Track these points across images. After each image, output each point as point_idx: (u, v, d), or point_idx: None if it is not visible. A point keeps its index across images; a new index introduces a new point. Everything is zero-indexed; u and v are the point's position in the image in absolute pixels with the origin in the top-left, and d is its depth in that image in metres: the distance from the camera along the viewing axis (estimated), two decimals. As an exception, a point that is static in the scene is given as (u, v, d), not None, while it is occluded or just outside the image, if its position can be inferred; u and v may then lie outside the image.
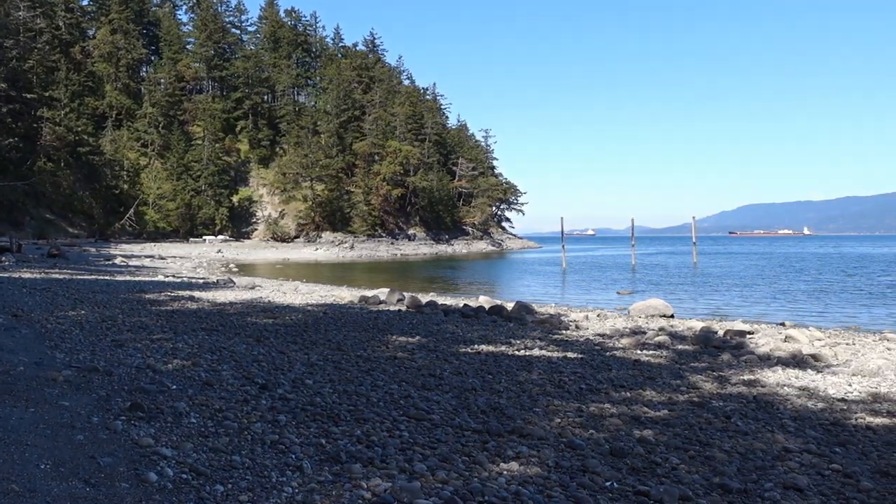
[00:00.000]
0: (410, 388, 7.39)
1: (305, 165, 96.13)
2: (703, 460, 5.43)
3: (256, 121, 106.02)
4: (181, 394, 6.33)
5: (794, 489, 4.86)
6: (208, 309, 14.47)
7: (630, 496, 4.56)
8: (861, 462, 5.59)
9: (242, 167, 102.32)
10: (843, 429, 6.61)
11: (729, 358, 10.62)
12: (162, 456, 4.55)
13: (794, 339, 13.30)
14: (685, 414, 6.88)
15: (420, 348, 10.30)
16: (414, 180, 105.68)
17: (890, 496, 4.84)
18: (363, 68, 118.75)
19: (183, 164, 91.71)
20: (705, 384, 8.49)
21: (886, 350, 12.41)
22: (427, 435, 5.63)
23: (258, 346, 9.54)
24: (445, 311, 16.34)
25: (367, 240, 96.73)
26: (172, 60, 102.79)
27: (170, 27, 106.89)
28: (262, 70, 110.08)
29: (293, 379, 7.42)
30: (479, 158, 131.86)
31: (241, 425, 5.47)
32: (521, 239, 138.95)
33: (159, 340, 9.46)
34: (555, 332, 13.59)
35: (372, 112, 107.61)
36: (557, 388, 7.87)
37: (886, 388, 8.56)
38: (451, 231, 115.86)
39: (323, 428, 5.60)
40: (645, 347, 11.76)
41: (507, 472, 4.81)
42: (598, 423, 6.33)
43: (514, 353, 10.40)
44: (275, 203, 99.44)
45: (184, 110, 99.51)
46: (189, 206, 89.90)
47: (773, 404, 7.51)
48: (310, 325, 12.39)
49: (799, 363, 10.52)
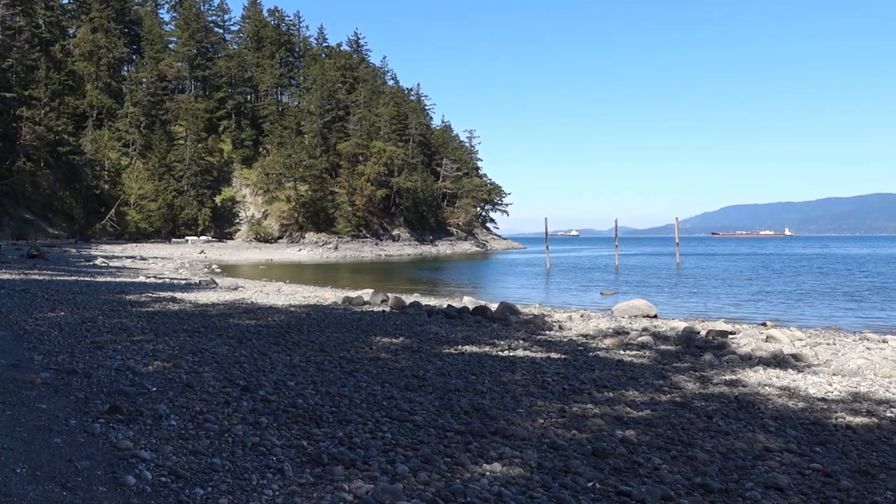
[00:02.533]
0: (394, 389, 7.36)
1: (289, 166, 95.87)
2: (685, 460, 5.44)
3: (239, 121, 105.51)
4: (161, 396, 6.28)
5: (775, 488, 4.88)
6: (190, 310, 14.37)
7: (612, 496, 4.56)
8: (841, 461, 5.63)
9: (225, 167, 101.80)
10: (823, 428, 6.65)
11: (711, 358, 10.67)
12: (141, 459, 4.50)
13: (776, 339, 13.40)
14: (667, 414, 6.90)
15: (404, 349, 10.27)
16: (398, 181, 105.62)
17: (869, 495, 4.87)
18: (347, 68, 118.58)
19: (165, 164, 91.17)
20: (688, 384, 8.52)
21: (866, 350, 12.51)
22: (410, 436, 5.61)
23: (240, 348, 9.47)
24: (429, 312, 16.32)
25: (351, 240, 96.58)
26: (154, 59, 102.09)
27: (151, 26, 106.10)
28: (245, 69, 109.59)
29: (275, 380, 7.37)
30: (464, 159, 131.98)
31: (221, 427, 5.42)
32: (505, 240, 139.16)
33: (140, 342, 9.38)
34: (538, 332, 13.60)
35: (356, 112, 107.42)
36: (541, 388, 7.87)
37: (866, 387, 8.63)
38: (435, 232, 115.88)
39: (305, 430, 5.56)
40: (628, 348, 11.79)
41: (490, 473, 4.79)
42: (581, 424, 6.33)
43: (498, 353, 10.39)
44: (258, 203, 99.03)
45: (166, 110, 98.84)
46: (171, 207, 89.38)
47: (754, 404, 7.55)
48: (293, 326, 12.32)
49: (780, 363, 10.59)
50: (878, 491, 4.95)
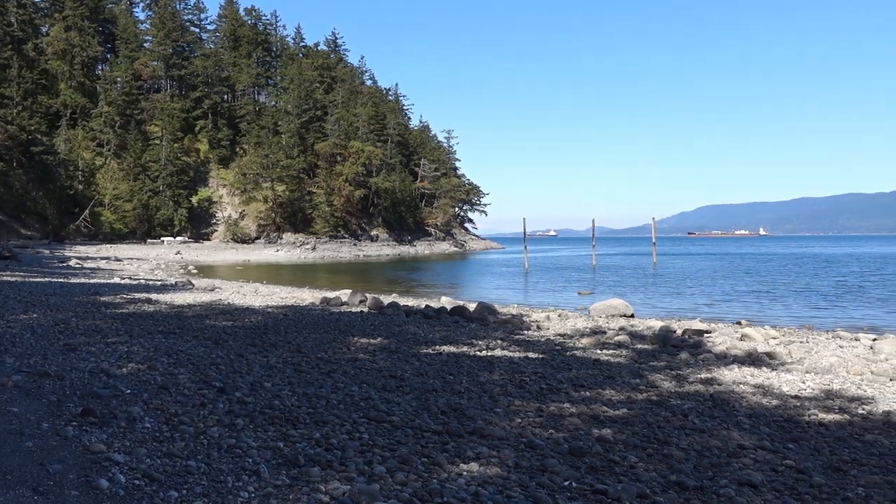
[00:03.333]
0: (371, 389, 7.35)
1: (266, 166, 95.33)
2: (660, 458, 5.48)
3: (216, 120, 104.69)
4: (136, 398, 6.21)
5: (749, 485, 4.93)
6: (166, 311, 14.25)
7: (588, 495, 4.58)
8: (813, 458, 5.70)
9: (202, 167, 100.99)
10: (796, 425, 6.73)
11: (687, 357, 10.76)
12: (114, 462, 4.45)
13: (750, 337, 13.54)
14: (644, 412, 6.95)
15: (381, 350, 10.25)
16: (376, 181, 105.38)
17: (841, 491, 4.93)
18: (325, 68, 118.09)
19: (140, 164, 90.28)
20: (664, 383, 8.58)
21: (839, 348, 12.69)
22: (387, 437, 5.60)
23: (216, 349, 9.40)
24: (407, 312, 16.31)
25: (329, 241, 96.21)
26: (129, 59, 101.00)
27: (126, 25, 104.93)
28: (221, 69, 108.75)
29: (251, 382, 7.32)
30: (442, 159, 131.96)
31: (197, 429, 5.38)
32: (483, 240, 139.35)
33: (114, 344, 9.28)
34: (516, 332, 13.63)
35: (334, 112, 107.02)
36: (518, 388, 7.89)
37: (838, 385, 8.75)
38: (413, 232, 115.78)
39: (281, 431, 5.53)
40: (605, 347, 11.85)
41: (467, 473, 4.80)
42: (558, 423, 6.36)
43: (476, 353, 10.41)
44: (235, 204, 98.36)
45: (141, 109, 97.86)
46: (146, 207, 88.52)
47: (729, 402, 7.62)
48: (270, 327, 12.26)
49: (754, 361, 10.71)
50: (849, 487, 5.02)
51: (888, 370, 9.85)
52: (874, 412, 7.35)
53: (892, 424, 6.84)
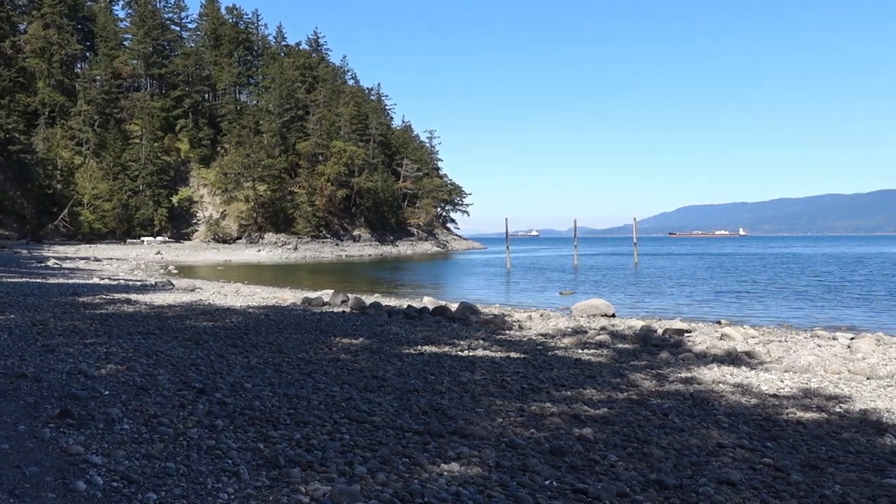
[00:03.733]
0: (352, 390, 7.33)
1: (247, 165, 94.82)
2: (640, 457, 5.51)
3: (197, 119, 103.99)
4: (114, 399, 6.16)
5: (728, 483, 4.96)
6: (145, 312, 14.14)
7: (569, 494, 4.60)
8: (791, 456, 5.75)
9: (182, 167, 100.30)
10: (774, 424, 6.79)
11: (667, 356, 10.82)
12: (92, 464, 4.41)
13: (730, 337, 13.65)
14: (624, 412, 6.98)
15: (363, 350, 10.23)
16: (358, 181, 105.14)
17: (818, 488, 4.98)
18: (306, 67, 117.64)
19: (120, 163, 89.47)
20: (644, 382, 8.63)
21: (817, 347, 12.81)
22: (368, 437, 5.59)
23: (197, 350, 9.34)
24: (389, 313, 16.29)
25: (311, 241, 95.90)
26: (109, 57, 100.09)
27: (106, 23, 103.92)
28: (202, 68, 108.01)
29: (232, 383, 7.28)
30: (424, 159, 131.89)
31: (176, 431, 5.34)
32: (466, 240, 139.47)
33: (93, 345, 9.20)
34: (498, 332, 13.65)
35: (316, 112, 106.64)
36: (500, 387, 7.90)
37: (816, 383, 8.84)
38: (395, 232, 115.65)
39: (261, 432, 5.50)
40: (586, 346, 11.90)
41: (448, 473, 4.80)
42: (539, 423, 6.37)
43: (458, 353, 10.41)
44: (216, 203, 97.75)
45: (121, 108, 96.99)
46: (126, 207, 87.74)
47: (708, 401, 7.67)
48: (251, 327, 12.20)
49: (734, 360, 10.79)
50: (826, 485, 5.07)
51: (865, 369, 9.96)
52: (851, 411, 7.43)
53: (868, 423, 6.92)
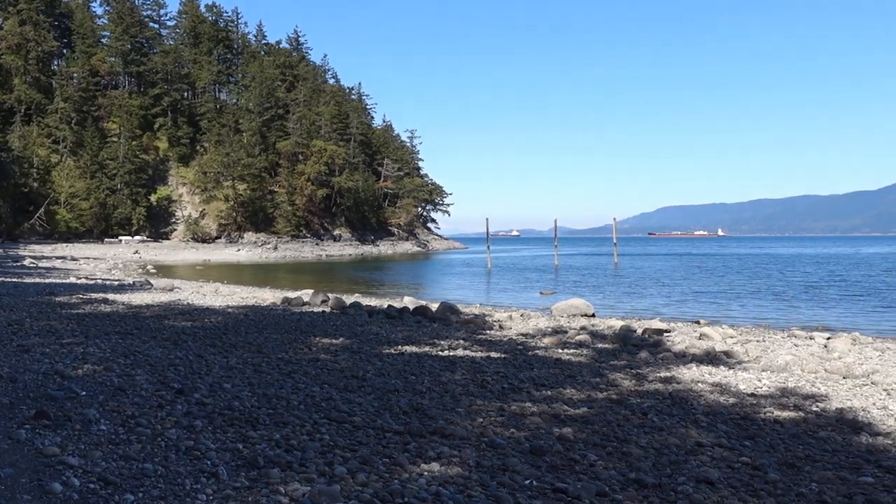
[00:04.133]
0: (332, 390, 7.31)
1: (227, 164, 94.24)
2: (620, 456, 5.54)
3: (176, 118, 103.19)
4: (91, 400, 6.10)
5: (706, 482, 5.00)
6: (123, 312, 14.02)
7: (549, 494, 4.61)
8: (769, 454, 5.80)
9: (161, 165, 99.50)
10: (752, 423, 6.85)
11: (647, 356, 10.88)
12: (68, 465, 4.36)
13: (708, 336, 13.75)
14: (604, 411, 7.01)
15: (343, 350, 10.21)
16: (339, 180, 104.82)
17: (795, 486, 5.03)
18: (287, 66, 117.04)
19: (97, 161, 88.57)
20: (624, 382, 8.67)
21: (794, 346, 12.95)
22: (348, 437, 5.57)
23: (175, 350, 9.28)
24: (370, 313, 16.26)
25: (291, 240, 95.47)
26: (86, 54, 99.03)
27: (83, 20, 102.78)
28: (181, 66, 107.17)
29: (211, 383, 7.23)
30: (405, 159, 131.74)
31: (154, 432, 5.29)
32: (446, 240, 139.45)
33: (69, 345, 9.10)
34: (479, 332, 13.67)
35: (296, 111, 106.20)
36: (480, 387, 7.91)
37: (793, 383, 8.92)
38: (376, 232, 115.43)
39: (240, 432, 5.47)
40: (566, 346, 11.94)
41: (428, 473, 4.79)
42: (520, 422, 6.39)
43: (438, 353, 10.41)
44: (195, 203, 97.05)
45: (98, 106, 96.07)
46: (104, 206, 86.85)
47: (687, 400, 7.72)
48: (230, 327, 12.13)
49: (712, 360, 10.87)
50: (803, 483, 5.13)
51: (841, 368, 10.07)
52: (827, 409, 7.51)
53: (844, 421, 7.00)
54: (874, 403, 7.77)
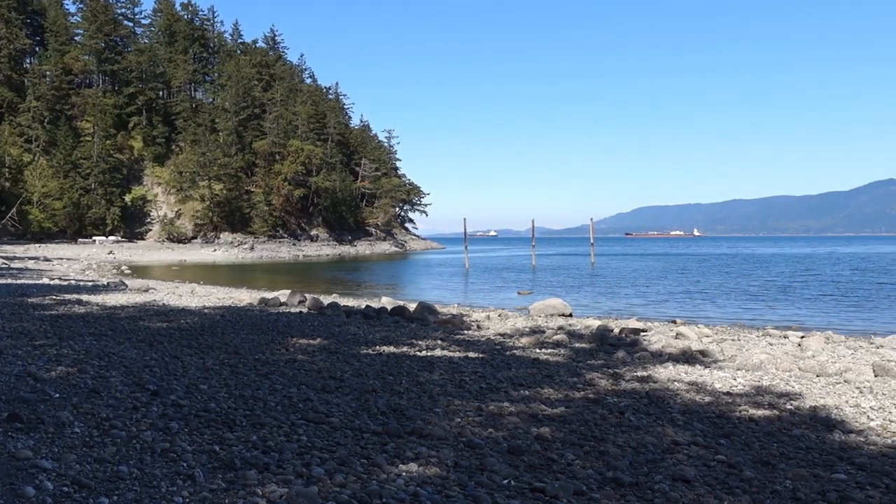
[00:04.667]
0: (310, 390, 7.28)
1: (203, 164, 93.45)
2: (597, 455, 5.57)
3: (151, 117, 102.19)
4: (65, 402, 6.02)
5: (683, 480, 5.04)
6: (97, 313, 13.86)
7: (527, 493, 4.62)
8: (744, 452, 5.86)
9: (136, 165, 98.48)
10: (728, 421, 6.91)
11: (624, 355, 10.95)
12: (41, 469, 4.31)
13: (685, 336, 13.86)
14: (581, 410, 7.04)
15: (321, 350, 10.17)
16: (316, 180, 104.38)
17: (770, 484, 5.09)
18: (263, 65, 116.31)
19: (71, 161, 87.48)
20: (601, 381, 8.71)
21: (769, 345, 13.09)
22: (326, 438, 5.55)
23: (150, 351, 9.19)
24: (347, 313, 16.21)
25: (268, 241, 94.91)
26: (59, 52, 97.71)
27: (56, 17, 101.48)
28: (156, 64, 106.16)
29: (187, 384, 7.17)
30: (382, 159, 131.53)
31: (129, 434, 5.24)
32: (424, 240, 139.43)
33: (42, 347, 8.98)
34: (457, 332, 13.67)
35: (273, 110, 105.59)
36: (458, 387, 7.91)
37: (768, 381, 9.02)
38: (354, 232, 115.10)
39: (217, 434, 5.43)
40: (544, 346, 11.98)
41: (406, 473, 4.79)
42: (498, 422, 6.40)
43: (416, 353, 10.40)
44: (171, 203, 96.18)
45: (72, 105, 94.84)
46: (77, 206, 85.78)
47: (664, 399, 7.78)
48: (206, 328, 12.03)
49: (688, 359, 10.96)
50: (778, 480, 5.18)
51: (815, 366, 10.20)
52: (801, 407, 7.60)
53: (818, 419, 7.08)
54: (847, 401, 7.87)
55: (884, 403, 7.72)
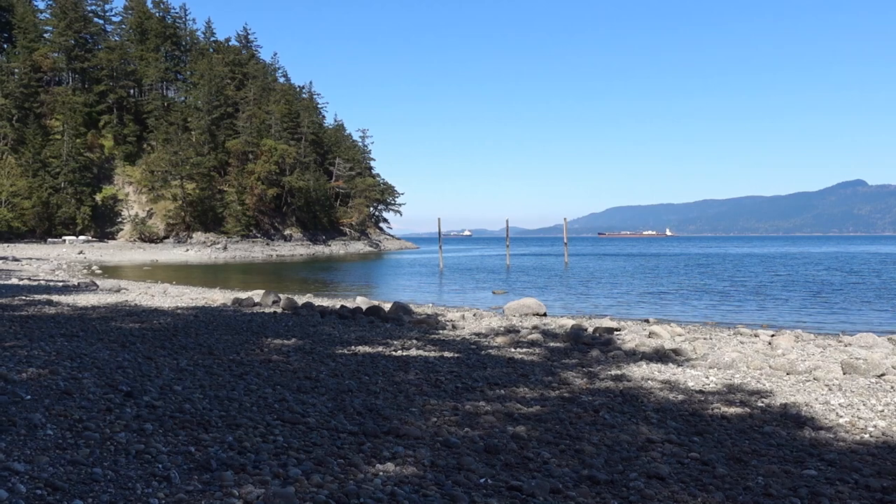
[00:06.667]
0: (285, 391, 7.25)
1: (175, 163, 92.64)
2: (572, 453, 5.61)
3: (122, 115, 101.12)
4: (36, 404, 5.94)
5: (657, 478, 5.10)
6: (68, 313, 13.68)
7: (503, 491, 4.65)
8: (717, 450, 5.94)
9: (106, 164, 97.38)
10: (700, 419, 7.00)
11: (598, 354, 11.03)
12: (14, 471, 4.24)
13: (658, 335, 13.99)
14: (556, 409, 7.09)
15: (296, 351, 10.12)
16: (290, 180, 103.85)
17: (742, 480, 5.16)
18: (236, 64, 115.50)
19: (40, 159, 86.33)
20: (576, 380, 8.78)
21: (740, 344, 13.26)
22: (302, 438, 5.53)
23: (123, 352, 9.08)
24: (322, 313, 16.16)
25: (241, 240, 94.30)
26: (28, 49, 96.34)
27: (24, 13, 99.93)
28: (127, 62, 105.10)
29: (161, 385, 7.11)
30: (357, 158, 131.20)
31: (103, 436, 5.18)
32: (398, 240, 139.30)
33: (12, 348, 8.85)
34: (432, 332, 13.69)
35: (246, 109, 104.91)
36: (434, 387, 7.93)
37: (739, 379, 9.14)
38: (328, 232, 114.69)
39: (192, 435, 5.39)
40: (519, 345, 12.03)
41: (383, 473, 4.79)
42: (474, 421, 6.42)
43: (392, 353, 10.40)
44: (142, 202, 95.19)
45: (41, 102, 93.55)
46: (47, 205, 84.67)
47: (638, 397, 7.86)
48: (179, 328, 11.93)
49: (662, 358, 11.07)
50: (750, 477, 5.26)
51: (785, 364, 10.35)
52: (772, 405, 7.71)
53: (788, 416, 7.20)
54: (816, 399, 8.01)
55: (852, 401, 7.86)
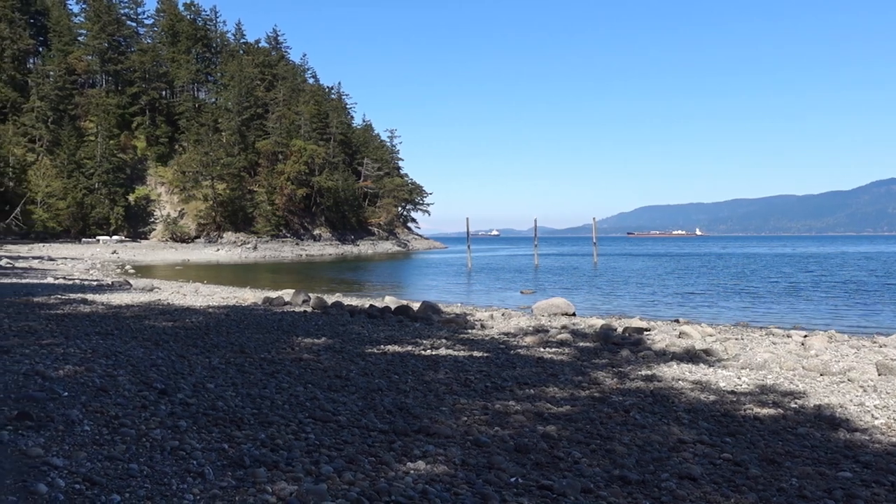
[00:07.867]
0: (316, 389, 7.31)
1: (206, 164, 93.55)
2: (603, 453, 5.59)
3: (154, 117, 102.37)
4: (73, 401, 6.04)
5: (689, 478, 5.06)
6: (103, 312, 13.89)
7: (534, 491, 4.65)
8: (749, 451, 5.88)
9: (139, 165, 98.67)
10: (733, 420, 6.93)
11: (628, 354, 10.97)
12: (53, 466, 4.33)
13: (688, 335, 13.87)
14: (587, 409, 7.07)
15: (326, 349, 10.19)
16: (319, 180, 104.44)
17: (776, 482, 5.11)
18: (266, 65, 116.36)
19: (74, 160, 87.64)
20: (606, 380, 8.74)
21: (772, 344, 13.11)
22: (334, 436, 5.58)
23: (157, 350, 9.21)
24: (351, 312, 16.24)
25: (271, 240, 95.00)
26: (63, 52, 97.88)
27: (59, 17, 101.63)
28: (159, 64, 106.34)
29: (194, 383, 7.20)
30: (385, 158, 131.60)
31: (138, 432, 5.27)
32: (426, 239, 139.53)
33: (49, 346, 9.01)
34: (461, 331, 13.70)
35: (275, 110, 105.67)
36: (464, 386, 7.94)
37: (772, 380, 9.04)
38: (356, 231, 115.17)
39: (226, 432, 5.46)
40: (548, 345, 12.00)
41: (414, 472, 4.81)
42: (504, 421, 6.42)
43: (421, 352, 10.43)
44: (174, 202, 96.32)
45: (75, 105, 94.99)
46: (81, 206, 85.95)
47: (668, 398, 7.80)
48: (211, 327, 12.06)
49: (692, 358, 10.98)
50: (783, 478, 5.20)
51: (818, 365, 10.22)
52: (806, 406, 7.62)
53: (822, 418, 7.10)
54: (851, 400, 7.89)
55: (888, 402, 7.74)
